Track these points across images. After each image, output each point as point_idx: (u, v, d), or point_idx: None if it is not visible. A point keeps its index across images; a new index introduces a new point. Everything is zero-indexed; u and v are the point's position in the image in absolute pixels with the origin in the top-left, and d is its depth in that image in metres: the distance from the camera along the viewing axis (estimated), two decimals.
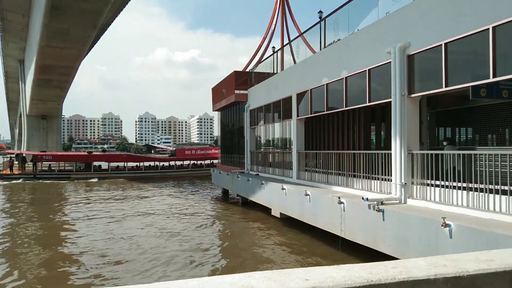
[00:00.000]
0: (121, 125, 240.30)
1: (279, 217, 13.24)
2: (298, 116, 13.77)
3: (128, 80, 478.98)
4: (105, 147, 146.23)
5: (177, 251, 10.27)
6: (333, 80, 11.16)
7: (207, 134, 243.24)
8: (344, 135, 11.92)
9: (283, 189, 12.67)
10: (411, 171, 8.18)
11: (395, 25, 8.78)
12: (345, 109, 10.87)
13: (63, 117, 63.01)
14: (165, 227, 13.47)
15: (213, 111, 25.66)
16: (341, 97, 10.75)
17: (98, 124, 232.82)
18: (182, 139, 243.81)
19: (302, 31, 16.99)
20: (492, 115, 10.58)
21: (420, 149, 8.59)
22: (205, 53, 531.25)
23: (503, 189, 6.22)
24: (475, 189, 6.72)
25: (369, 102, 9.60)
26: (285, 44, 24.01)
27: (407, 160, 8.21)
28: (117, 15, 36.42)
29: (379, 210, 7.79)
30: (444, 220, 6.22)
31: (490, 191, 6.41)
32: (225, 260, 9.82)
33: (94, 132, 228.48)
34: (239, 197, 18.45)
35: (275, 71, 17.83)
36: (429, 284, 1.98)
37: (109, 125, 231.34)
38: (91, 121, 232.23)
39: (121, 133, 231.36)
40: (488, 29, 6.33)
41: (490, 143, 11.54)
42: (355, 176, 10.34)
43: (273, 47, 25.10)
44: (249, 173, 18.53)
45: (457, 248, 5.96)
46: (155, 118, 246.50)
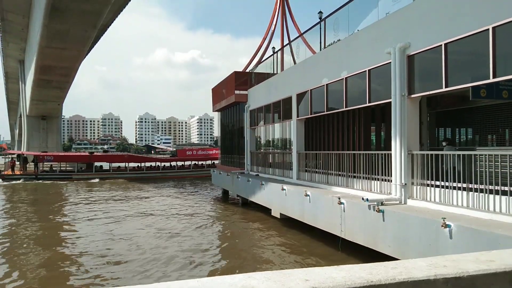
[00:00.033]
0: (121, 125, 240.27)
1: (279, 217, 13.24)
2: (298, 116, 13.77)
3: (128, 80, 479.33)
4: (105, 147, 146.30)
5: (176, 251, 10.28)
6: (333, 80, 11.17)
7: (207, 134, 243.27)
8: (344, 135, 11.92)
9: (283, 189, 12.67)
10: (411, 172, 8.18)
11: (395, 26, 8.79)
12: (345, 109, 10.87)
13: (63, 117, 63.01)
14: (165, 227, 13.48)
15: (213, 111, 25.67)
16: (341, 98, 10.75)
17: (98, 124, 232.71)
18: (182, 139, 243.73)
19: (302, 32, 16.99)
20: (492, 116, 10.58)
21: (420, 150, 8.60)
22: (205, 54, 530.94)
23: (503, 189, 6.22)
24: (475, 190, 6.72)
25: (369, 102, 9.60)
26: (285, 44, 24.03)
27: (407, 160, 8.21)
28: (117, 16, 36.53)
29: (379, 210, 7.79)
30: (444, 220, 6.22)
31: (490, 192, 6.41)
32: (225, 260, 9.82)
33: (94, 132, 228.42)
34: (239, 198, 18.47)
35: (275, 72, 17.83)
36: (429, 284, 1.98)
37: (109, 125, 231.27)
38: (91, 121, 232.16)
39: (121, 133, 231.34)
40: (488, 29, 6.33)
41: (490, 143, 11.54)
42: (355, 176, 10.33)
43: (273, 48, 25.12)
44: (249, 174, 18.53)
45: (457, 248, 5.97)
46: (155, 118, 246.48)
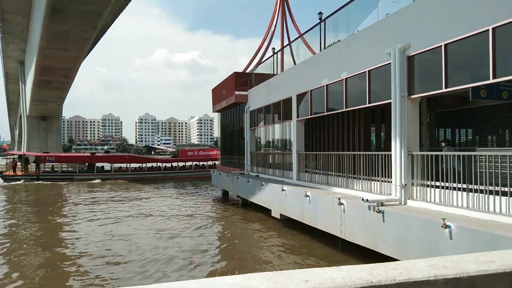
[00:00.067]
0: (121, 126, 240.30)
1: (279, 218, 13.24)
2: (298, 117, 13.77)
3: (128, 81, 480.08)
4: (106, 148, 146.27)
5: (176, 252, 10.27)
6: (333, 81, 11.17)
7: (207, 135, 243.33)
8: (344, 136, 11.91)
9: (283, 190, 12.67)
10: (411, 172, 8.18)
11: (395, 26, 8.79)
12: (345, 110, 10.87)
13: (63, 118, 62.97)
14: (165, 228, 13.47)
15: (213, 112, 25.66)
16: (341, 98, 10.75)
17: (98, 125, 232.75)
18: (182, 140, 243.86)
19: (302, 32, 16.99)
20: (492, 116, 10.57)
21: (420, 150, 8.60)
22: (205, 54, 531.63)
23: (503, 190, 6.21)
24: (475, 190, 6.72)
25: (369, 103, 9.60)
26: (285, 45, 24.02)
27: (407, 161, 8.21)
28: (117, 17, 36.52)
29: (379, 211, 7.79)
30: (444, 221, 6.22)
31: (490, 192, 6.41)
32: (225, 261, 9.82)
33: (94, 133, 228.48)
34: (239, 198, 18.46)
35: (275, 72, 17.83)
36: (429, 285, 1.98)
37: (109, 126, 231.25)
38: (91, 122, 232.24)
39: (121, 134, 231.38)
40: (488, 30, 6.34)
41: (490, 144, 11.53)
42: (355, 177, 10.33)
43: (273, 48, 25.12)
44: (249, 174, 18.52)
45: (457, 249, 5.97)
46: (155, 119, 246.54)
